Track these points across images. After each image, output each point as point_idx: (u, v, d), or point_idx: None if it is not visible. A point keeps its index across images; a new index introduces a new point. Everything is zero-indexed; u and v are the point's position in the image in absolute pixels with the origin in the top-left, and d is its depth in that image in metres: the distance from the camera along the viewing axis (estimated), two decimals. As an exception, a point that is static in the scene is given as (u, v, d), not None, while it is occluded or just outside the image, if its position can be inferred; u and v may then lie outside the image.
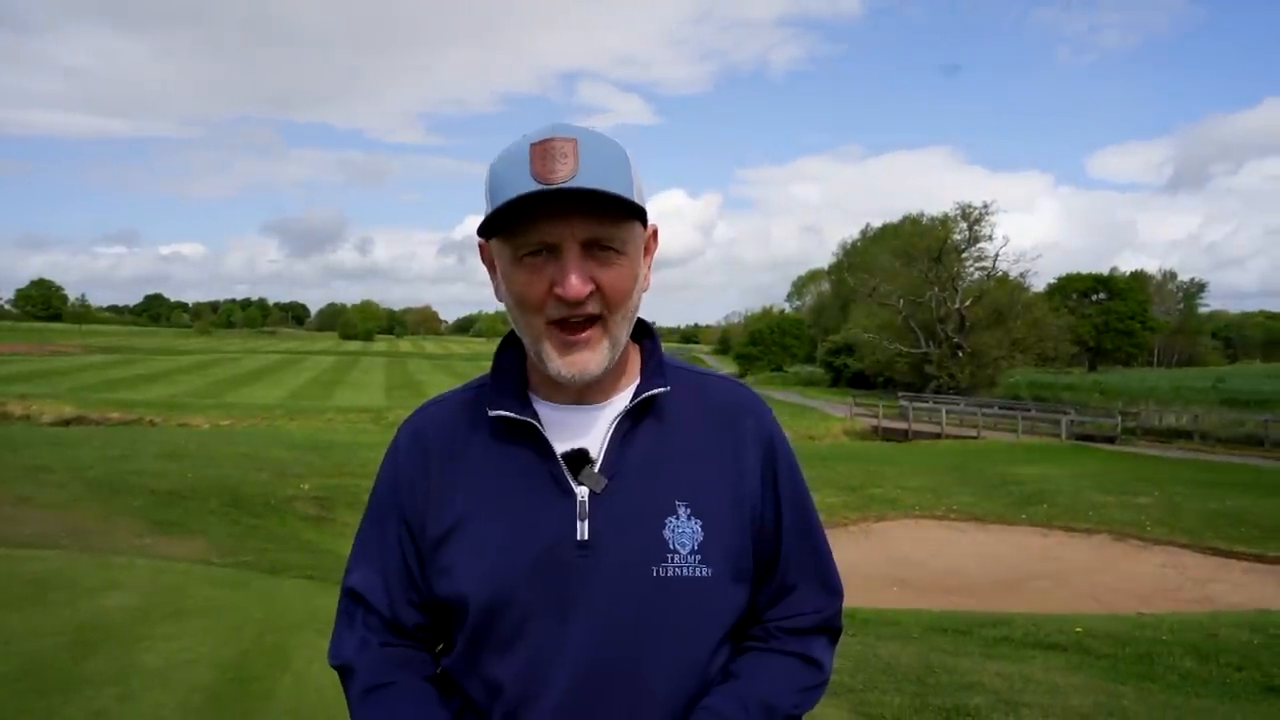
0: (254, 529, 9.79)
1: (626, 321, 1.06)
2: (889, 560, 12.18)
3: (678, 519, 1.05)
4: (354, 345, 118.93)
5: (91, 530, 8.22)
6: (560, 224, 0.99)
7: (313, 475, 13.58)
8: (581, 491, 1.05)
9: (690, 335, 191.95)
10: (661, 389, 1.10)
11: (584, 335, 1.02)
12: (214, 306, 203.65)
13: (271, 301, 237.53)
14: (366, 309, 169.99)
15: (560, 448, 1.07)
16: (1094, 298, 65.20)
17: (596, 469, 1.06)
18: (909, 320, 43.13)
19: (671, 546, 1.04)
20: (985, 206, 42.74)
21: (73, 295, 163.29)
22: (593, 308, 1.02)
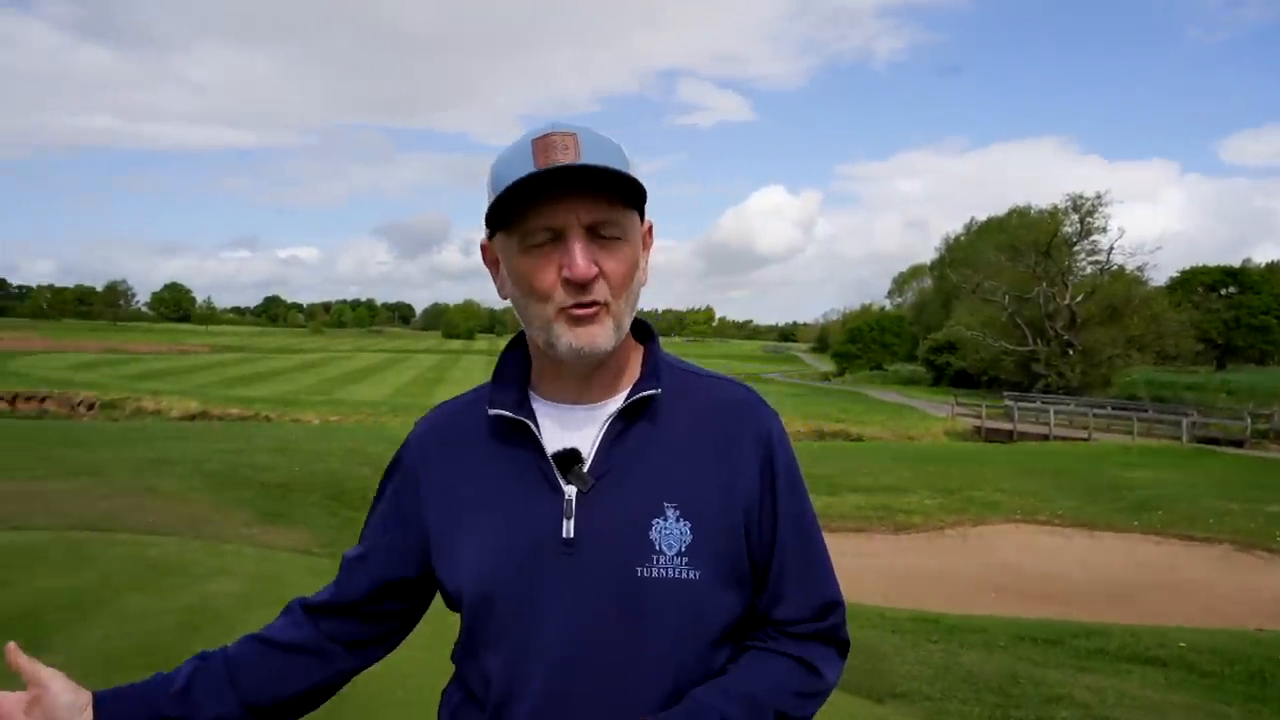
0: (352, 521, 10.23)
1: (629, 308, 1.08)
2: (986, 566, 11.76)
3: (665, 520, 1.06)
4: (456, 344, 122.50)
5: (205, 519, 8.77)
6: (565, 208, 1.01)
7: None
8: (569, 490, 1.07)
9: (788, 333, 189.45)
10: (653, 390, 1.10)
11: (593, 310, 1.04)
12: (326, 307, 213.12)
13: (380, 302, 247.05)
14: (468, 308, 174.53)
15: (553, 446, 1.09)
16: (1222, 292, 60.97)
17: (586, 468, 1.08)
18: (1015, 317, 41.42)
19: (657, 547, 1.05)
20: (1098, 197, 40.69)
21: (200, 298, 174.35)
22: (598, 293, 1.03)
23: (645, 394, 1.09)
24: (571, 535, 1.05)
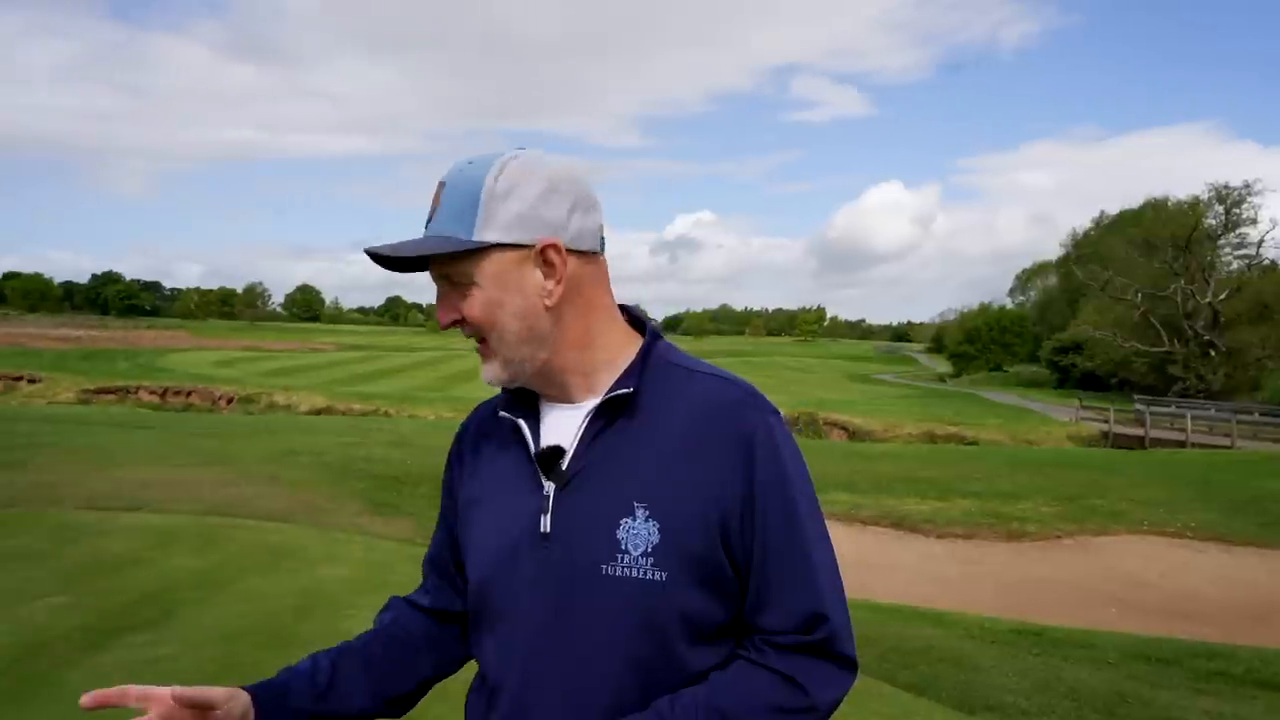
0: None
1: (515, 342, 1.11)
2: (1108, 578, 11.12)
3: (633, 520, 1.05)
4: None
5: (322, 508, 9.29)
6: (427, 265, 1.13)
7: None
8: (548, 486, 1.11)
9: (902, 333, 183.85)
10: (625, 390, 1.10)
11: (480, 349, 1.14)
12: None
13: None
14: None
15: (542, 444, 1.14)
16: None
17: (565, 465, 1.11)
18: (1148, 316, 38.91)
19: (623, 546, 1.05)
20: (1247, 186, 37.75)
21: (329, 298, 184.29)
22: (469, 334, 1.13)
23: (619, 393, 1.10)
24: (548, 530, 1.09)
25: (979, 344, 62.01)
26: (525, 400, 1.19)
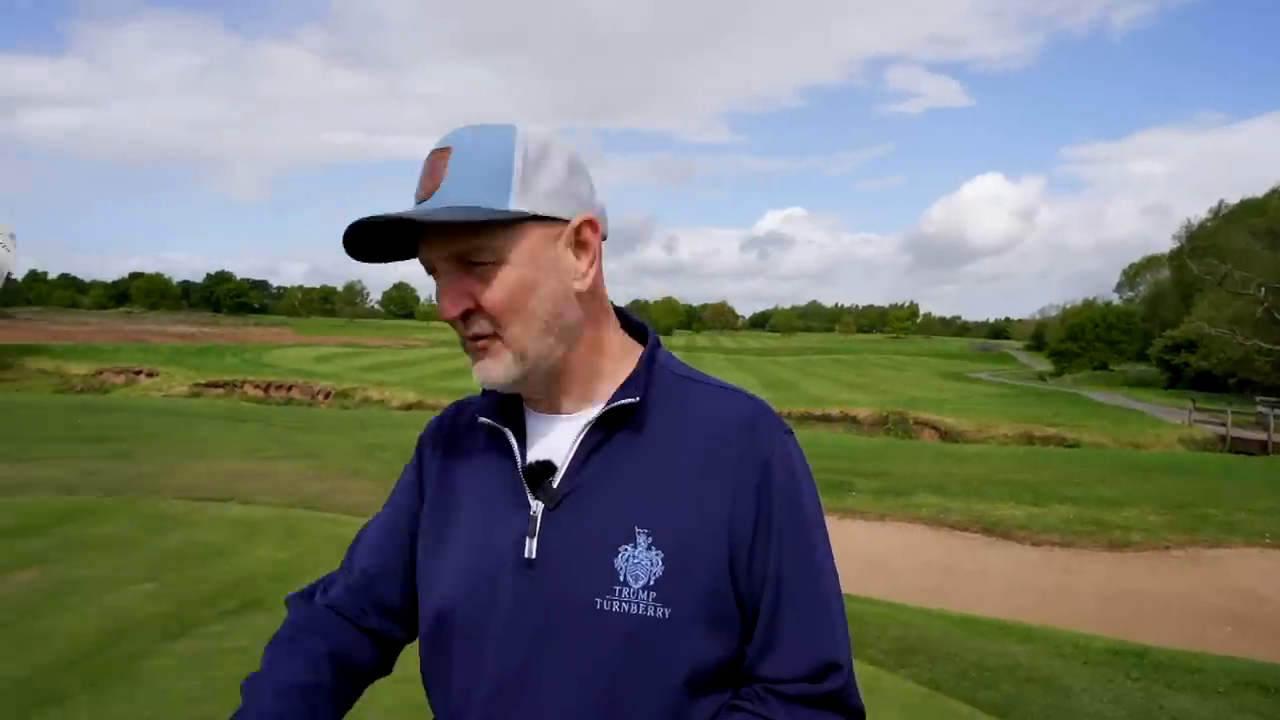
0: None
1: (534, 331, 0.96)
2: (1222, 594, 10.36)
3: (634, 547, 0.93)
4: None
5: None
6: (427, 245, 0.95)
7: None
8: (536, 506, 0.97)
9: (1000, 330, 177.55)
10: (629, 400, 0.98)
11: (481, 344, 0.97)
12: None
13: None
14: (666, 305, 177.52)
15: (531, 458, 1.01)
16: None
17: (555, 483, 0.98)
18: (1273, 311, 36.34)
19: (621, 578, 0.92)
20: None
21: (423, 296, 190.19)
22: (480, 326, 0.96)
23: (622, 403, 0.98)
24: (533, 556, 0.95)
25: (1083, 341, 59.19)
26: (508, 407, 1.05)
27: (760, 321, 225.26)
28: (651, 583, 0.92)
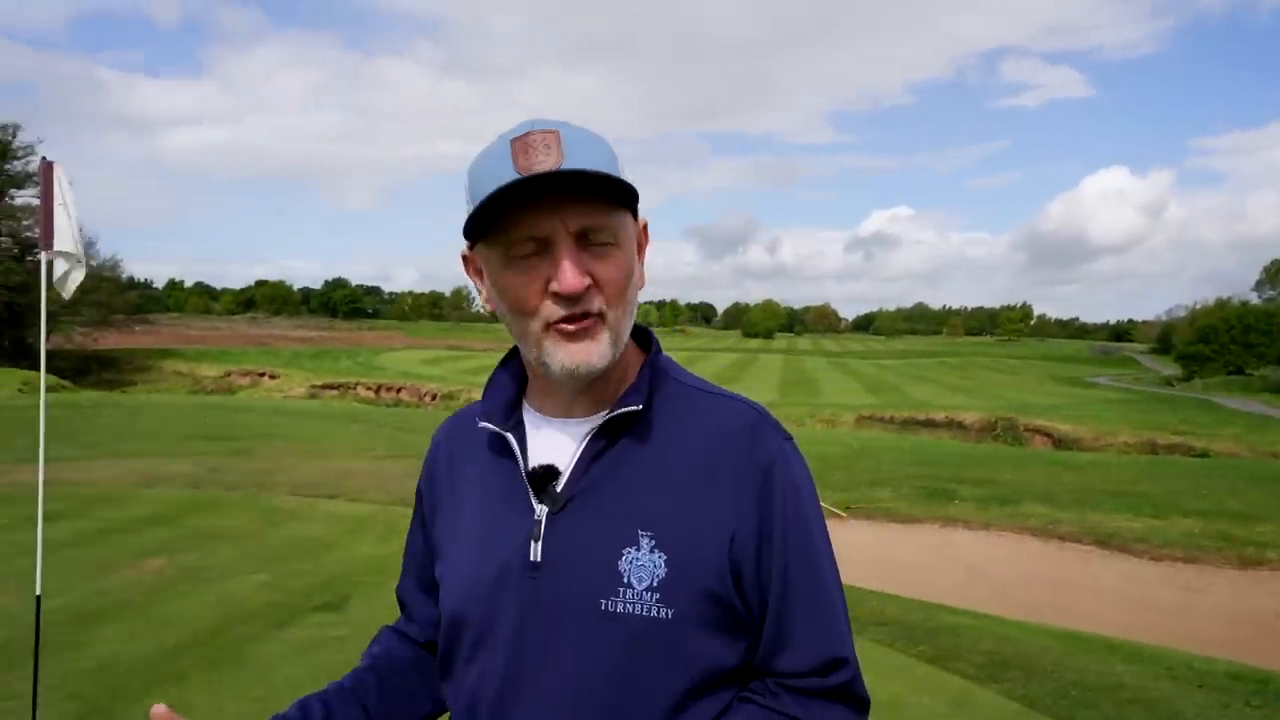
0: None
1: (627, 317, 0.99)
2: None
3: (638, 550, 0.95)
4: (754, 343, 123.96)
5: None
6: (550, 215, 0.92)
7: (691, 466, 14.51)
8: (540, 510, 0.99)
9: (1122, 332, 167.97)
10: (635, 405, 1.00)
11: (584, 325, 0.95)
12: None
13: (683, 302, 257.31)
14: (767, 307, 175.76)
15: (534, 462, 1.02)
16: None
17: (560, 487, 1.00)
18: None
19: (625, 580, 0.94)
20: None
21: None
22: (591, 304, 0.94)
23: (627, 409, 1.00)
24: (538, 559, 0.98)
25: (1215, 344, 55.36)
26: (509, 411, 1.08)
27: (864, 324, 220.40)
28: (654, 584, 0.94)
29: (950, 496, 13.74)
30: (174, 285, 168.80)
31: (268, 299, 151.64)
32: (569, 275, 0.92)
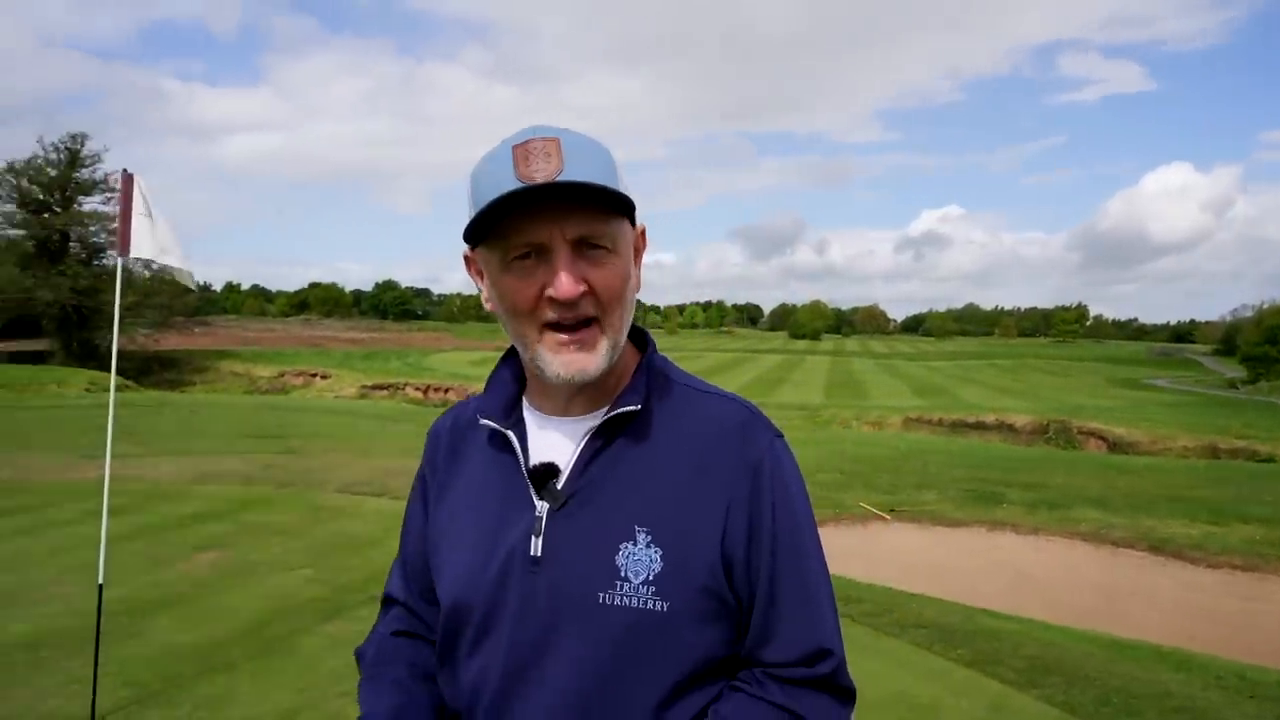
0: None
1: (623, 322, 1.03)
2: None
3: (634, 545, 0.98)
4: (801, 344, 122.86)
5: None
6: (548, 223, 0.95)
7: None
8: (541, 506, 1.03)
9: (1183, 333, 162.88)
10: (633, 406, 1.03)
11: (580, 335, 0.98)
12: (680, 309, 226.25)
13: (730, 303, 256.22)
14: (815, 309, 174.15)
15: (534, 459, 1.05)
16: None
17: (560, 484, 1.03)
18: None
19: (623, 574, 0.98)
20: None
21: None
22: (587, 309, 0.98)
23: (625, 410, 1.03)
24: (539, 554, 1.01)
25: (1282, 345, 53.38)
26: (509, 408, 1.11)
27: (913, 325, 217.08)
28: (650, 578, 0.97)
29: (998, 500, 13.50)
30: (231, 288, 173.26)
31: (320, 301, 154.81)
32: (564, 282, 0.95)
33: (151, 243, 4.09)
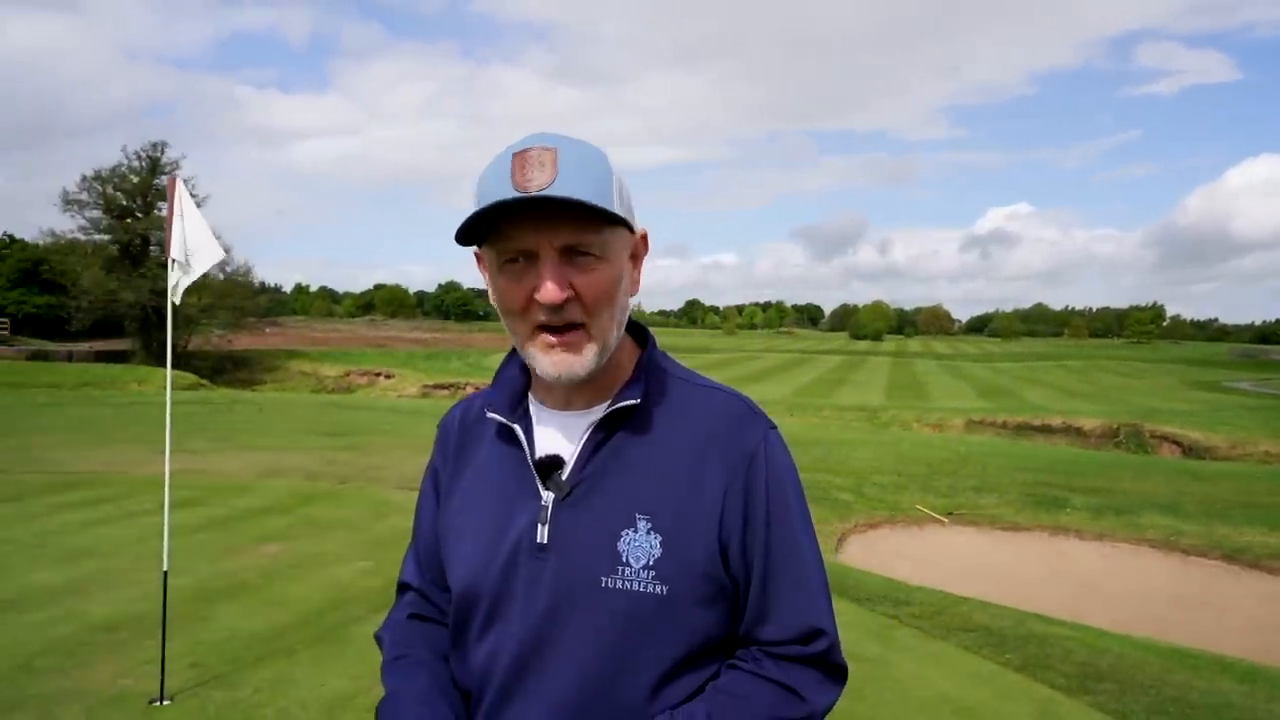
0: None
1: (614, 324, 1.07)
2: None
3: (635, 532, 1.04)
4: (863, 345, 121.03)
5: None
6: (537, 231, 1.00)
7: (788, 469, 14.35)
8: (547, 496, 1.08)
9: (1268, 333, 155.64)
10: (632, 400, 1.09)
11: (567, 338, 1.04)
12: (740, 309, 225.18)
13: (789, 304, 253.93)
14: (876, 309, 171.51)
15: (540, 452, 1.11)
16: None
17: (564, 476, 1.09)
18: None
19: (624, 559, 1.03)
20: None
21: (634, 302, 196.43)
22: (573, 314, 1.03)
23: (625, 404, 1.09)
24: (545, 541, 1.07)
25: (1375, 346, 50.63)
26: (515, 403, 1.17)
27: (978, 326, 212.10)
28: (650, 563, 1.03)
29: (1061, 504, 13.16)
30: (300, 289, 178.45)
31: (385, 302, 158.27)
32: (549, 288, 1.01)
33: (180, 244, 4.21)
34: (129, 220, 44.81)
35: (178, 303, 4.34)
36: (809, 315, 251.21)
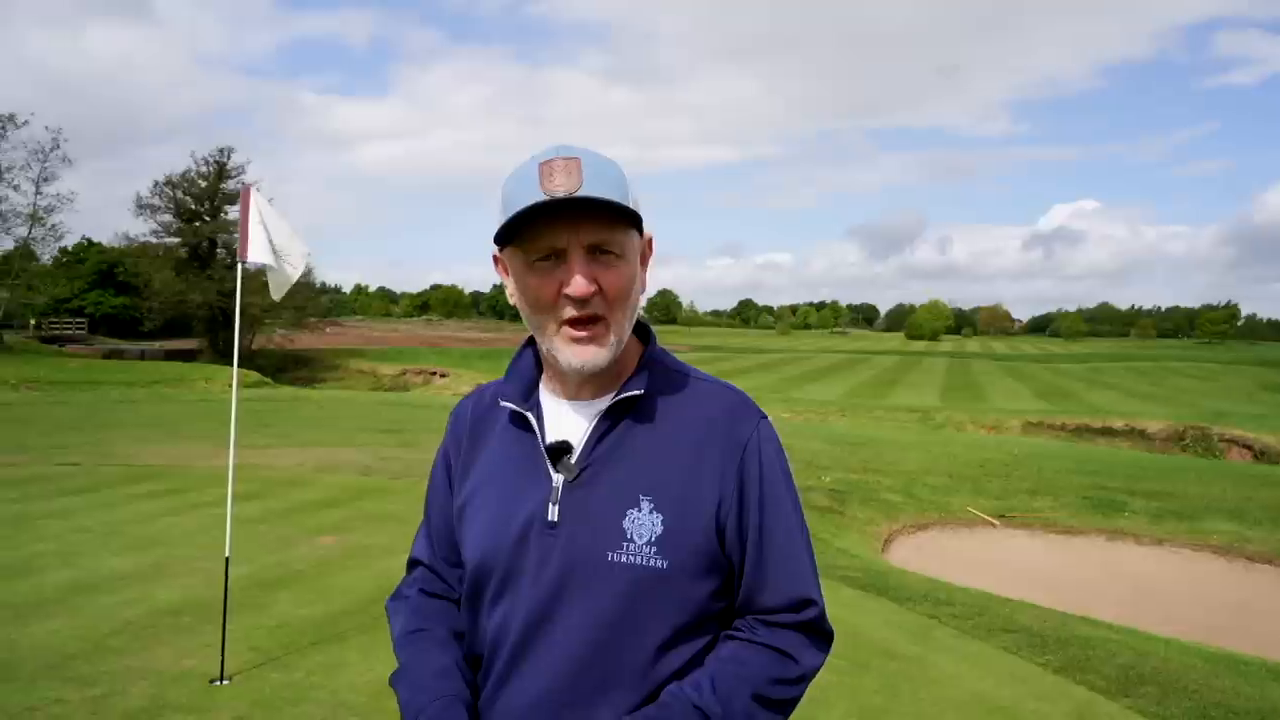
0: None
1: (628, 319, 1.18)
2: None
3: (639, 511, 1.14)
4: (919, 345, 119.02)
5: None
6: (567, 231, 1.11)
7: (837, 468, 14.27)
8: (557, 478, 1.18)
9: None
10: (637, 391, 1.19)
11: (590, 331, 1.14)
12: (793, 309, 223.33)
13: (844, 304, 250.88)
14: (933, 309, 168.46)
15: (550, 438, 1.21)
16: None
17: (573, 459, 1.19)
18: None
19: (629, 536, 1.13)
20: None
21: (685, 302, 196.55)
22: (597, 307, 1.13)
23: (630, 394, 1.20)
24: (555, 519, 1.16)
25: None
26: (528, 391, 1.27)
27: (1040, 326, 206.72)
28: (653, 540, 1.14)
29: (1120, 508, 12.85)
30: (360, 290, 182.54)
31: (441, 302, 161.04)
32: (579, 282, 1.12)
33: (264, 249, 4.50)
34: (197, 224, 46.45)
35: (276, 299, 4.65)
36: (864, 315, 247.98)
